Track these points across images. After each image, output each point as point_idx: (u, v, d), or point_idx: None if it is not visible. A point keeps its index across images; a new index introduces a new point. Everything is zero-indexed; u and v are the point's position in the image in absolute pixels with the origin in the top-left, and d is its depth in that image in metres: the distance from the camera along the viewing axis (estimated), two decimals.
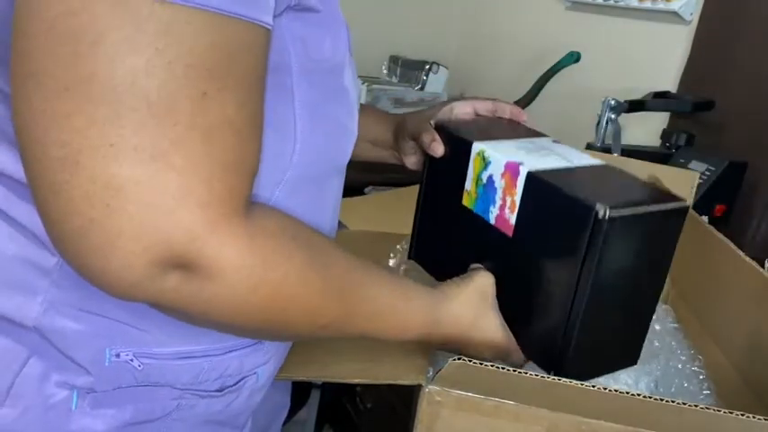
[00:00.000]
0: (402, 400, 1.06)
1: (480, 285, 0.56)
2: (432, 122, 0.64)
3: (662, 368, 0.75)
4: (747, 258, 0.60)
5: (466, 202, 0.60)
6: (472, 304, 0.56)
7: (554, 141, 0.64)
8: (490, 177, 0.57)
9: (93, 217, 0.32)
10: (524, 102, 1.39)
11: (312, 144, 0.46)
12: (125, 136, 0.31)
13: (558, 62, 1.34)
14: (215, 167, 0.33)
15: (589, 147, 1.19)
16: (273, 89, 0.42)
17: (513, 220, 0.54)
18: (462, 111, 0.68)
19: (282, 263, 0.38)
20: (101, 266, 0.34)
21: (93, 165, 0.31)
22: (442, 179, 0.65)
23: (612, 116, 1.14)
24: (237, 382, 0.53)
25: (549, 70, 1.35)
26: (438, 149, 0.62)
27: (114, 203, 0.32)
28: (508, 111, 0.70)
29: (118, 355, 0.46)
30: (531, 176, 0.52)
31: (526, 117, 0.70)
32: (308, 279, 0.41)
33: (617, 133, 1.14)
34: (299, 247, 0.40)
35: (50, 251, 0.43)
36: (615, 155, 1.11)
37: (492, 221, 0.57)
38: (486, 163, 0.57)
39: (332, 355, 0.61)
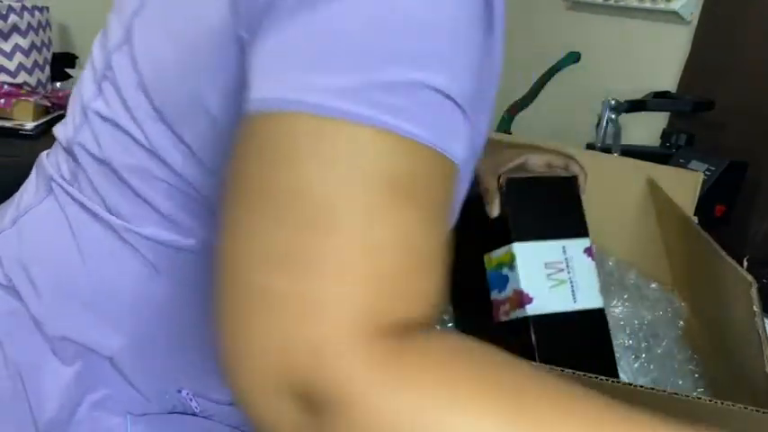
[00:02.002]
0: None
1: None
2: (502, 179, 0.64)
3: (659, 367, 0.76)
4: (736, 264, 0.61)
5: (486, 262, 0.66)
6: None
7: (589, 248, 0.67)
8: (507, 277, 0.63)
9: (237, 326, 0.30)
10: (524, 102, 1.39)
11: None
12: (277, 243, 0.29)
13: (558, 62, 1.34)
14: (370, 286, 0.28)
15: (589, 147, 1.19)
16: None
17: (503, 318, 0.63)
18: (536, 164, 0.68)
19: (443, 387, 0.27)
20: (232, 377, 0.30)
21: (240, 272, 0.30)
22: (481, 214, 0.66)
23: (612, 116, 1.14)
24: None
25: (549, 70, 1.36)
26: (493, 212, 0.63)
27: (254, 315, 0.29)
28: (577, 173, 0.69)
29: (179, 391, 0.48)
30: (534, 320, 0.60)
31: (584, 183, 0.69)
32: (485, 407, 0.27)
33: (617, 133, 1.14)
34: (472, 367, 0.29)
35: (146, 283, 0.45)
36: (615, 155, 1.11)
37: (492, 297, 0.65)
38: (510, 265, 0.62)
39: None
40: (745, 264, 0.65)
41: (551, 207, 0.64)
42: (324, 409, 0.27)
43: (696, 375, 0.72)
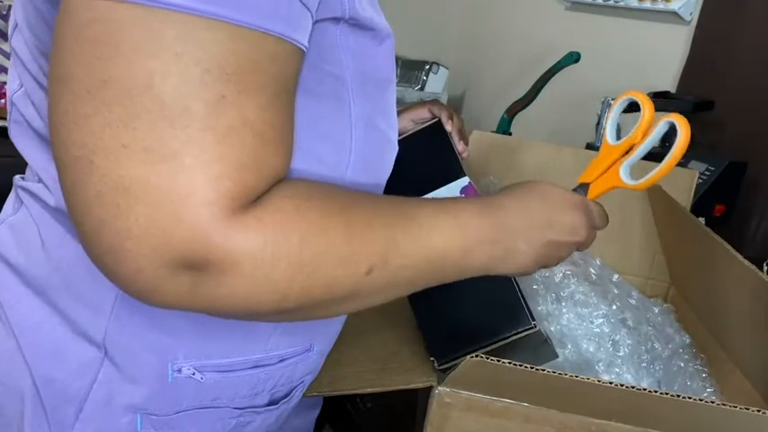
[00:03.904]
0: (402, 400, 1.06)
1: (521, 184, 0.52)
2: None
3: (664, 367, 0.76)
4: (742, 258, 0.61)
5: None
6: (522, 187, 0.50)
7: (466, 187, 0.67)
8: None
9: (103, 218, 0.33)
10: (524, 102, 1.39)
11: (364, 157, 0.47)
12: (137, 137, 0.32)
13: (558, 62, 1.34)
14: (227, 167, 0.33)
15: (589, 147, 1.19)
16: (332, 100, 0.43)
17: None
18: (404, 127, 0.70)
19: (295, 228, 0.36)
20: (114, 268, 0.34)
21: (106, 165, 0.32)
22: None
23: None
24: (289, 393, 0.55)
25: (548, 70, 1.36)
26: None
27: (123, 204, 0.32)
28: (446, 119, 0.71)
29: (180, 370, 0.47)
30: None
31: (448, 118, 0.71)
32: (329, 230, 0.38)
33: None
34: (313, 206, 0.38)
35: None
36: None
37: None
38: None
39: (340, 368, 0.61)
40: (765, 268, 0.65)
41: (425, 162, 0.63)
42: (205, 270, 0.34)
43: (704, 375, 0.72)
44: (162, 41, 0.31)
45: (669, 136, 0.51)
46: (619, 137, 0.54)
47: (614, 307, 0.81)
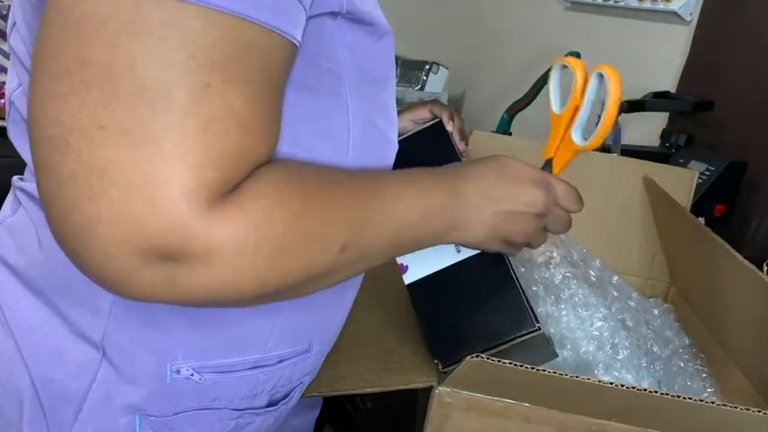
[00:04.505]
0: (402, 400, 1.06)
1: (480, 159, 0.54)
2: None
3: (664, 368, 0.76)
4: (742, 258, 0.61)
5: None
6: (484, 160, 0.52)
7: None
8: None
9: (75, 199, 0.32)
10: (524, 102, 1.39)
11: (362, 154, 0.47)
12: (115, 119, 0.31)
13: None
14: (209, 155, 0.32)
15: None
16: (329, 97, 0.43)
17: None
18: (404, 127, 0.70)
19: (277, 215, 0.36)
20: (84, 254, 0.33)
21: (81, 145, 0.31)
22: None
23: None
24: (288, 394, 0.55)
25: (549, 70, 1.36)
26: None
27: (97, 186, 0.31)
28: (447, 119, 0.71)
29: (178, 371, 0.47)
30: (411, 287, 0.62)
31: (449, 118, 0.70)
32: (308, 215, 0.38)
33: (617, 133, 1.14)
34: (293, 192, 0.37)
35: None
36: (615, 155, 1.11)
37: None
38: None
39: (340, 368, 0.61)
40: (765, 268, 0.65)
41: (426, 162, 0.64)
42: (182, 261, 0.33)
43: (704, 375, 0.72)
44: (146, 26, 0.31)
45: (604, 88, 0.52)
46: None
47: (614, 309, 0.81)
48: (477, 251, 0.60)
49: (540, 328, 0.57)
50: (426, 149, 0.67)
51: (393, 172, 0.48)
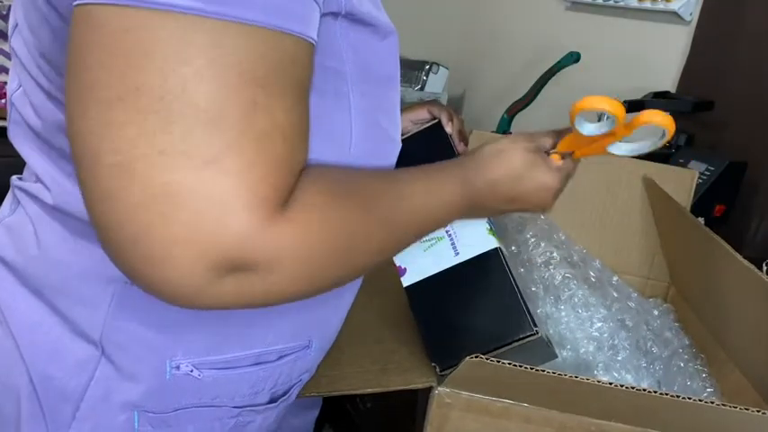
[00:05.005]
0: (402, 400, 1.06)
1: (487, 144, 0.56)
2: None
3: (664, 367, 0.76)
4: (742, 258, 0.61)
5: None
6: (493, 146, 0.54)
7: None
8: None
9: (146, 225, 0.32)
10: (524, 102, 1.39)
11: (365, 153, 0.47)
12: (174, 143, 0.32)
13: (558, 62, 1.34)
14: (264, 170, 0.34)
15: None
16: (331, 96, 0.44)
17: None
18: (404, 127, 0.70)
19: (327, 223, 0.39)
20: (157, 275, 0.34)
21: (147, 172, 0.32)
22: None
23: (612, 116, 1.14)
24: (287, 391, 0.55)
25: (548, 70, 1.35)
26: None
27: (168, 211, 0.32)
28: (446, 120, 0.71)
29: (178, 367, 0.47)
30: (409, 290, 0.62)
31: (448, 119, 0.71)
32: (352, 220, 0.41)
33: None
34: (338, 200, 0.41)
35: (110, 263, 0.44)
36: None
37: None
38: None
39: (339, 368, 0.61)
40: (765, 268, 0.65)
41: (425, 163, 0.65)
42: (251, 270, 0.35)
43: (704, 375, 0.72)
44: (194, 48, 0.31)
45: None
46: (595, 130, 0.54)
47: (614, 309, 0.81)
48: (475, 255, 0.60)
49: (537, 332, 0.56)
50: (425, 150, 0.67)
51: (409, 171, 0.50)
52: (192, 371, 0.48)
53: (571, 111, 0.51)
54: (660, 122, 0.48)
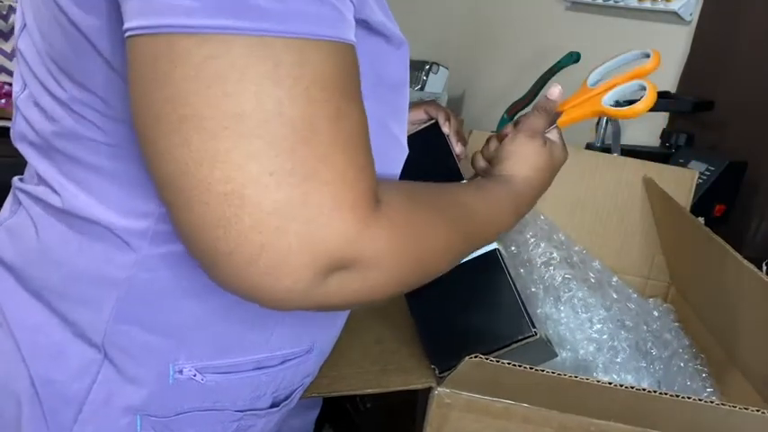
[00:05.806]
0: (402, 400, 1.06)
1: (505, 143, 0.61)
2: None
3: (664, 367, 0.76)
4: (742, 258, 0.61)
5: None
6: (502, 154, 0.60)
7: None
8: None
9: (263, 242, 0.34)
10: (524, 102, 1.39)
11: (376, 158, 0.47)
12: (280, 163, 0.34)
13: (558, 62, 1.34)
14: (355, 172, 0.36)
15: (589, 147, 1.19)
16: None
17: None
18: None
19: (415, 223, 0.42)
20: (271, 285, 0.36)
21: (257, 195, 0.33)
22: None
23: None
24: (290, 395, 0.55)
25: (548, 70, 1.35)
26: None
27: (281, 226, 0.34)
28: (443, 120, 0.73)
29: (181, 372, 0.47)
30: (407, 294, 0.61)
31: (445, 119, 0.72)
32: (434, 221, 0.45)
33: (617, 133, 1.14)
34: (418, 201, 0.45)
35: (116, 265, 0.44)
36: (615, 155, 1.11)
37: None
38: None
39: (339, 369, 0.61)
40: (765, 268, 0.65)
41: (422, 164, 0.64)
42: (353, 268, 0.38)
43: (704, 375, 0.72)
44: (282, 69, 0.33)
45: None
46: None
47: (613, 310, 0.81)
48: (474, 256, 0.60)
49: (536, 333, 0.56)
50: (422, 151, 0.67)
51: (454, 184, 0.56)
52: (195, 375, 0.48)
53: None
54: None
